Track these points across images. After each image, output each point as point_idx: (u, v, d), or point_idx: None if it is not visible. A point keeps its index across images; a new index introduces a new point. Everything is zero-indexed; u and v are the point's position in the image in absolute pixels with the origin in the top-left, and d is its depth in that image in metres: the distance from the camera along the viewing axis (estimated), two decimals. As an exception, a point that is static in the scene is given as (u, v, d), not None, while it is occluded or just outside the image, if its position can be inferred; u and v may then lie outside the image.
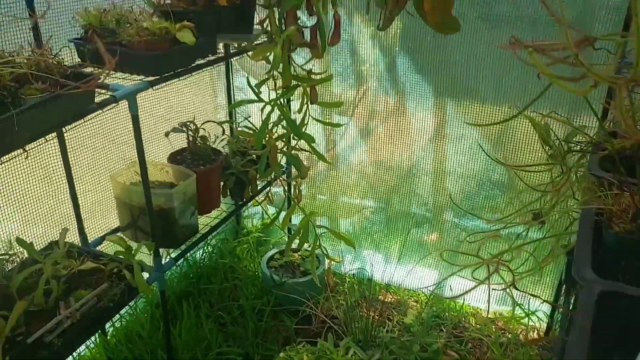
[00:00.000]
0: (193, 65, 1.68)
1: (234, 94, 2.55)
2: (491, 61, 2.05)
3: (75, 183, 1.80)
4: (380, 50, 2.26)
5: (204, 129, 2.10)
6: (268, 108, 1.91)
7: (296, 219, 2.40)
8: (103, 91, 1.43)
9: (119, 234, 1.92)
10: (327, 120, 2.46)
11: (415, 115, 2.31)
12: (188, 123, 2.04)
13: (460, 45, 2.07)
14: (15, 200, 1.67)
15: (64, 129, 1.64)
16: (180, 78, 1.63)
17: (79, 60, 1.57)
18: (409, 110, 2.31)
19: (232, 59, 2.45)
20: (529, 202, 1.24)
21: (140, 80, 1.53)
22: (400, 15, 1.80)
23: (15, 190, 1.66)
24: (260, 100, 1.89)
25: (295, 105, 2.27)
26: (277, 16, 1.85)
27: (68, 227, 1.65)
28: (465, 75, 2.12)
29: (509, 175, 2.24)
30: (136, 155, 1.59)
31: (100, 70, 1.26)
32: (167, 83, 1.57)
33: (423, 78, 2.22)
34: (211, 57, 1.79)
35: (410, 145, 2.38)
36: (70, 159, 1.75)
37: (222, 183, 2.22)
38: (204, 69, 1.75)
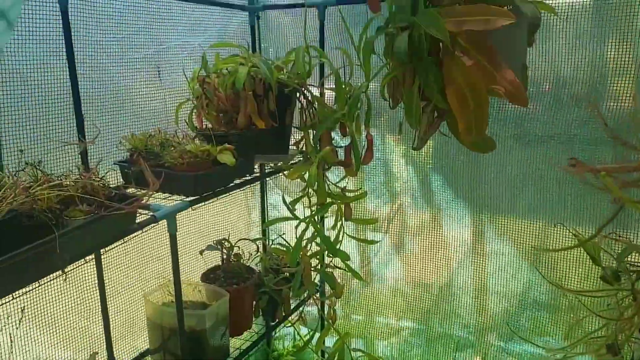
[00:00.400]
0: (231, 184, 1.71)
1: (267, 212, 2.57)
2: (526, 178, 2.05)
3: (107, 302, 1.78)
4: (413, 167, 2.29)
5: (238, 247, 2.10)
6: (302, 225, 1.91)
7: (330, 341, 2.29)
8: (144, 211, 1.45)
9: (148, 357, 1.84)
10: (362, 237, 2.43)
11: (452, 231, 2.27)
12: (223, 241, 2.04)
13: (494, 163, 2.08)
14: (46, 322, 1.64)
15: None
16: (219, 197, 1.66)
17: (123, 181, 1.62)
18: (444, 226, 2.28)
19: (267, 178, 2.50)
20: (593, 329, 1.15)
21: (180, 200, 1.55)
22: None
23: (47, 311, 1.64)
24: (295, 217, 1.90)
25: (329, 222, 2.26)
26: (312, 137, 1.91)
27: (97, 350, 1.60)
28: (500, 192, 2.11)
29: (553, 295, 2.12)
30: (169, 273, 1.57)
31: (144, 191, 1.29)
32: (205, 203, 1.59)
33: (457, 194, 2.22)
34: (248, 177, 1.83)
35: (448, 262, 2.32)
36: (104, 278, 1.74)
37: (254, 302, 2.16)
38: (242, 189, 1.78)
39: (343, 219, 1.99)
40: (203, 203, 1.59)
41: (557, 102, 1.93)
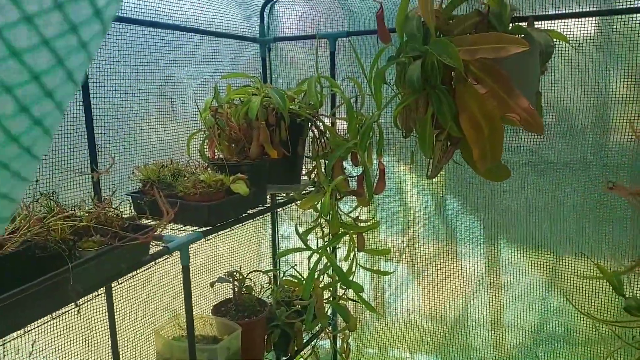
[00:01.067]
0: (244, 215, 1.69)
1: (278, 243, 2.54)
2: (542, 206, 2.02)
3: (117, 336, 1.74)
4: (426, 196, 2.27)
5: (249, 279, 2.06)
6: (315, 256, 1.88)
7: (343, 376, 2.22)
8: (156, 242, 1.43)
9: (156, 394, 1.79)
10: (375, 268, 2.39)
11: (466, 260, 2.23)
12: (234, 273, 2.01)
13: (509, 190, 2.06)
14: (56, 356, 1.60)
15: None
16: (232, 228, 1.64)
17: (135, 213, 1.60)
18: (459, 255, 2.24)
19: (278, 209, 2.48)
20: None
21: (193, 230, 1.53)
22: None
23: (57, 345, 1.60)
24: (308, 248, 1.87)
25: (341, 253, 2.23)
26: (324, 167, 1.90)
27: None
28: (516, 221, 2.08)
29: (569, 327, 2.07)
30: (179, 307, 1.54)
31: (158, 222, 1.27)
32: (219, 233, 1.57)
33: (472, 223, 2.19)
34: (261, 207, 1.81)
35: (462, 292, 2.27)
36: (115, 311, 1.71)
37: (265, 336, 2.11)
38: (254, 219, 1.76)
39: (356, 249, 1.97)
40: (216, 234, 1.57)
41: (570, 130, 1.92)
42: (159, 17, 1.87)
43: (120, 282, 1.32)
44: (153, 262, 1.38)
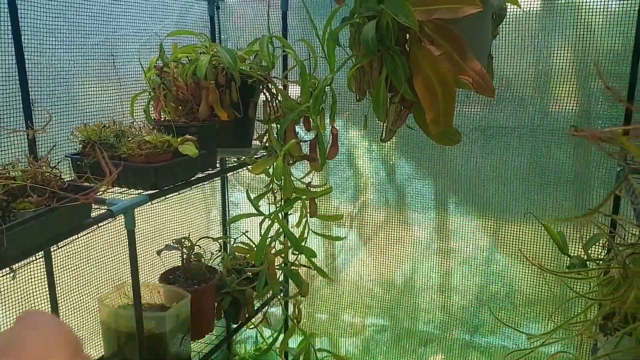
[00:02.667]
0: (193, 178, 1.63)
1: (229, 210, 2.49)
2: (491, 171, 2.06)
3: (58, 305, 1.65)
4: (378, 162, 2.27)
5: (199, 246, 2.00)
6: (266, 222, 1.85)
7: (294, 342, 2.22)
8: (99, 205, 1.36)
9: (102, 364, 1.73)
10: (327, 234, 2.39)
11: (416, 225, 2.26)
12: (183, 240, 1.95)
13: (459, 156, 2.09)
14: (-11, 328, 1.51)
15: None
16: (180, 192, 1.57)
17: (75, 176, 1.51)
18: (409, 221, 2.27)
19: (228, 174, 2.42)
20: (572, 314, 1.15)
21: (138, 194, 1.46)
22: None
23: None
24: (260, 213, 1.83)
25: (293, 219, 2.21)
26: (276, 131, 1.86)
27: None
28: (465, 185, 2.11)
29: (513, 287, 2.14)
30: (125, 275, 1.47)
31: (100, 182, 1.20)
32: (166, 197, 1.51)
33: (423, 187, 2.21)
34: (211, 171, 1.75)
35: (413, 257, 2.30)
36: (55, 278, 1.62)
37: (216, 304, 2.07)
38: (203, 183, 1.70)
39: (308, 215, 1.95)
40: (164, 197, 1.50)
41: (518, 96, 1.95)
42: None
43: (60, 247, 1.25)
44: (96, 226, 1.31)
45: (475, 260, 2.18)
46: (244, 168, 1.99)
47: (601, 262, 1.05)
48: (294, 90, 2.06)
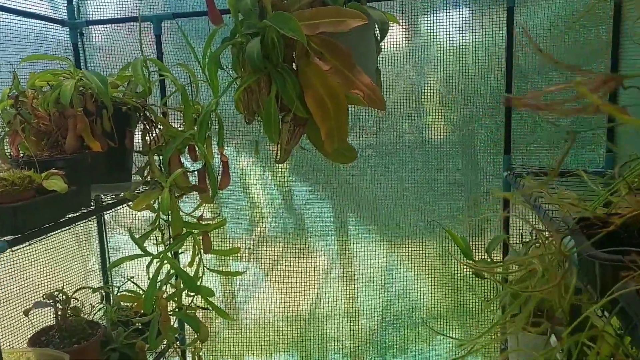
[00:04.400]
0: (63, 219, 1.40)
1: (109, 257, 2.22)
2: (387, 187, 2.05)
3: None
4: (273, 187, 2.17)
5: (76, 299, 1.74)
6: (155, 264, 1.66)
7: (196, 395, 2.00)
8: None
9: None
10: (224, 270, 2.22)
11: (318, 251, 2.18)
12: (56, 293, 1.68)
13: (354, 175, 2.06)
14: None
15: None
16: (48, 235, 1.34)
17: None
18: (311, 247, 2.18)
19: (105, 212, 2.17)
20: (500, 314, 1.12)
21: (-7, 242, 1.21)
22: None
23: None
24: (147, 253, 1.64)
25: (185, 258, 2.02)
26: (158, 163, 1.70)
27: None
28: (363, 203, 2.09)
29: (418, 303, 2.14)
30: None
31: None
32: (31, 242, 1.27)
33: (321, 211, 2.14)
34: (84, 210, 1.53)
35: (316, 284, 2.21)
36: None
37: (101, 364, 1.81)
38: (77, 223, 1.47)
39: (202, 251, 1.79)
40: (27, 243, 1.26)
41: (405, 110, 1.98)
42: None
43: None
44: None
45: (379, 280, 2.15)
46: (124, 205, 1.78)
47: (526, 253, 1.04)
48: (176, 118, 1.92)
